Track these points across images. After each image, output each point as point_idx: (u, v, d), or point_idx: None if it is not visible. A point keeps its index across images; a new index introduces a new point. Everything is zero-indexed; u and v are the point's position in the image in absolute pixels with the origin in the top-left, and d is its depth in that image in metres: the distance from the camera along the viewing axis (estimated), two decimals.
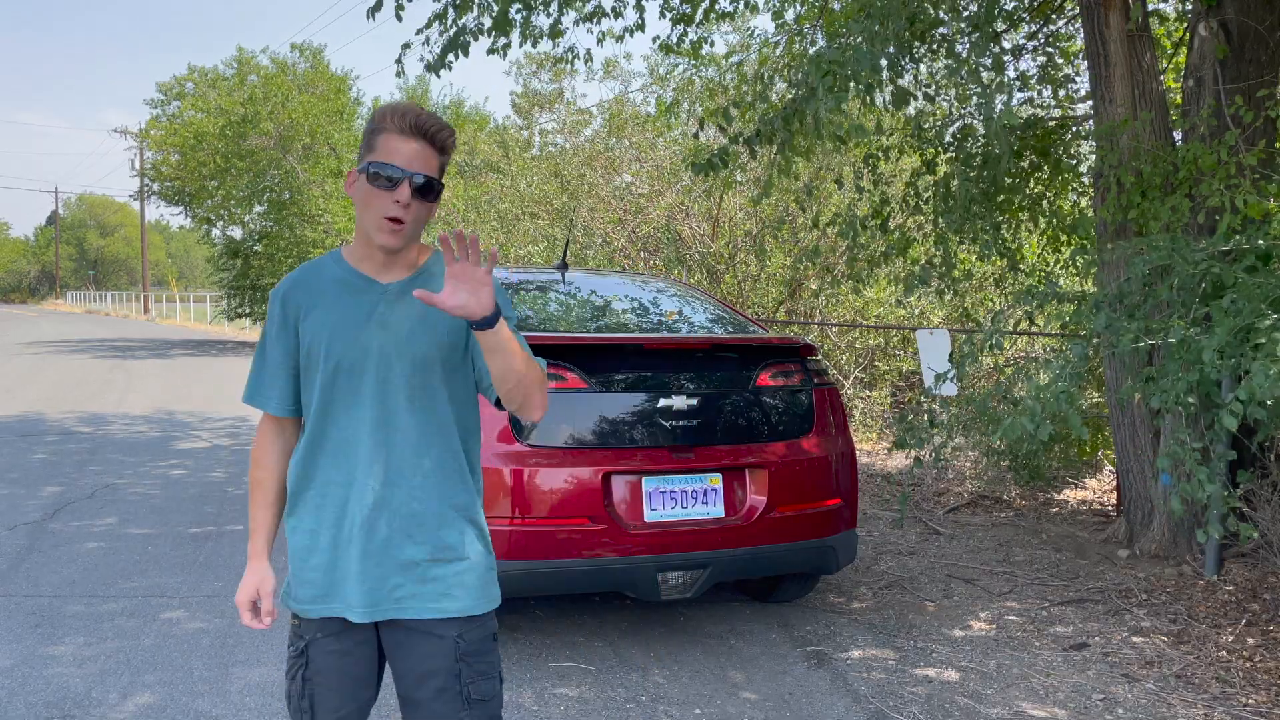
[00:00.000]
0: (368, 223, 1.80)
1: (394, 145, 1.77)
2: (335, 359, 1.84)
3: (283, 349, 1.90)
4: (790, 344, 4.15)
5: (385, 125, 1.79)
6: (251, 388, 1.94)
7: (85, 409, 11.07)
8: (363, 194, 1.79)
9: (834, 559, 4.05)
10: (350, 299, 1.86)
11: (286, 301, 1.89)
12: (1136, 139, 4.93)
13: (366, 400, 1.84)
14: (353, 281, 1.87)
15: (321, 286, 1.88)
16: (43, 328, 31.11)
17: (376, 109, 1.83)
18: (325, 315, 1.86)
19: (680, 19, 6.68)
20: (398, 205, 1.76)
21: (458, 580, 1.87)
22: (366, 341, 1.84)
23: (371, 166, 1.77)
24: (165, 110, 24.62)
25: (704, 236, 10.94)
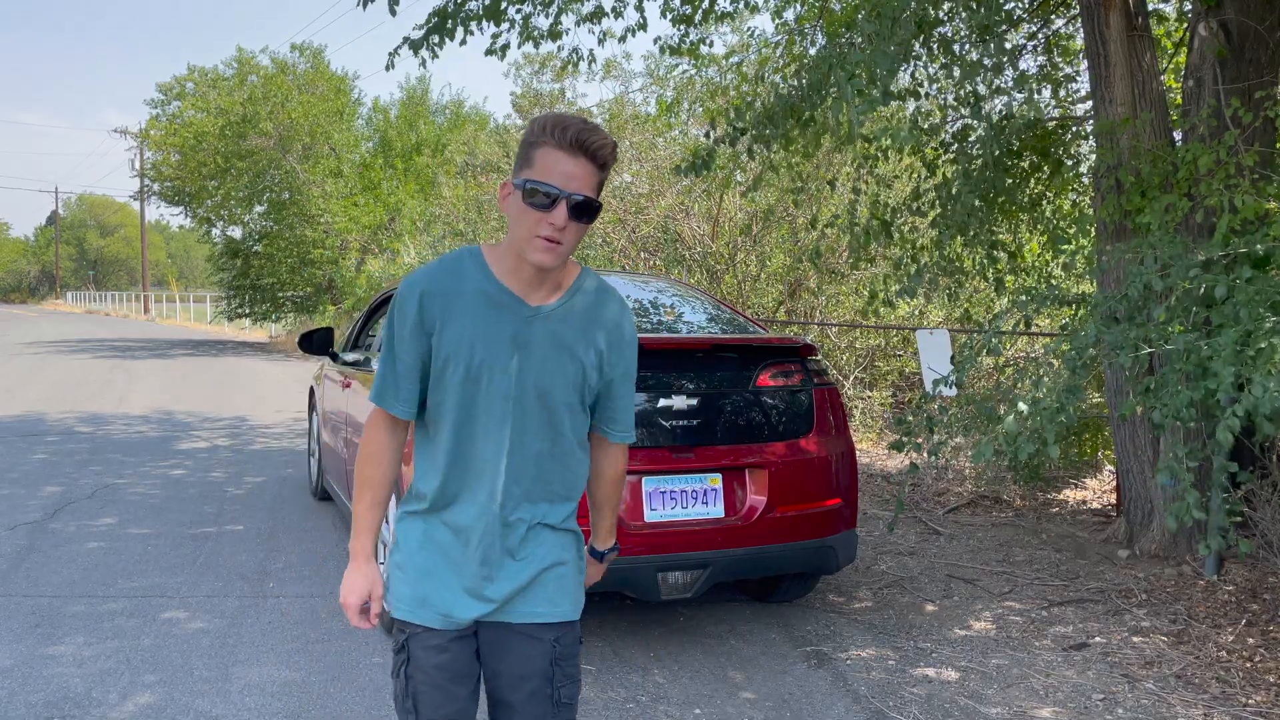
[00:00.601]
0: (521, 239, 1.72)
1: (553, 162, 1.69)
2: (475, 376, 1.79)
3: (415, 352, 1.81)
4: (790, 344, 4.15)
5: (545, 139, 1.70)
6: (382, 388, 1.85)
7: (85, 409, 11.08)
8: (517, 210, 1.72)
9: (834, 559, 4.05)
10: (494, 314, 1.79)
11: (425, 304, 1.78)
12: (1136, 139, 4.93)
13: (503, 421, 1.81)
14: (498, 297, 1.79)
15: (464, 295, 1.78)
16: (43, 328, 31.11)
17: (537, 119, 1.73)
18: (467, 328, 1.78)
19: (681, 19, 6.67)
20: (552, 227, 1.69)
21: (560, 586, 1.90)
22: (507, 363, 1.79)
23: (529, 184, 1.69)
24: (165, 110, 24.63)
25: (704, 236, 10.93)
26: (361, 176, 22.13)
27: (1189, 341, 3.47)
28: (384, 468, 1.87)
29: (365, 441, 1.88)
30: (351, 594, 1.86)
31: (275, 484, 7.14)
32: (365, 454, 1.88)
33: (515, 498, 1.84)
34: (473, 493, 1.83)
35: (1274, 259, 3.79)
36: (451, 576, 1.84)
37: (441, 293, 1.78)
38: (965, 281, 6.63)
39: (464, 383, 1.79)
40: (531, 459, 1.84)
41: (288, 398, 12.65)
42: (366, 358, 5.21)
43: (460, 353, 1.78)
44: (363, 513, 1.88)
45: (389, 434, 1.87)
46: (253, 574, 4.88)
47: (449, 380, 1.79)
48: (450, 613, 1.84)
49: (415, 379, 1.83)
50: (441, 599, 1.84)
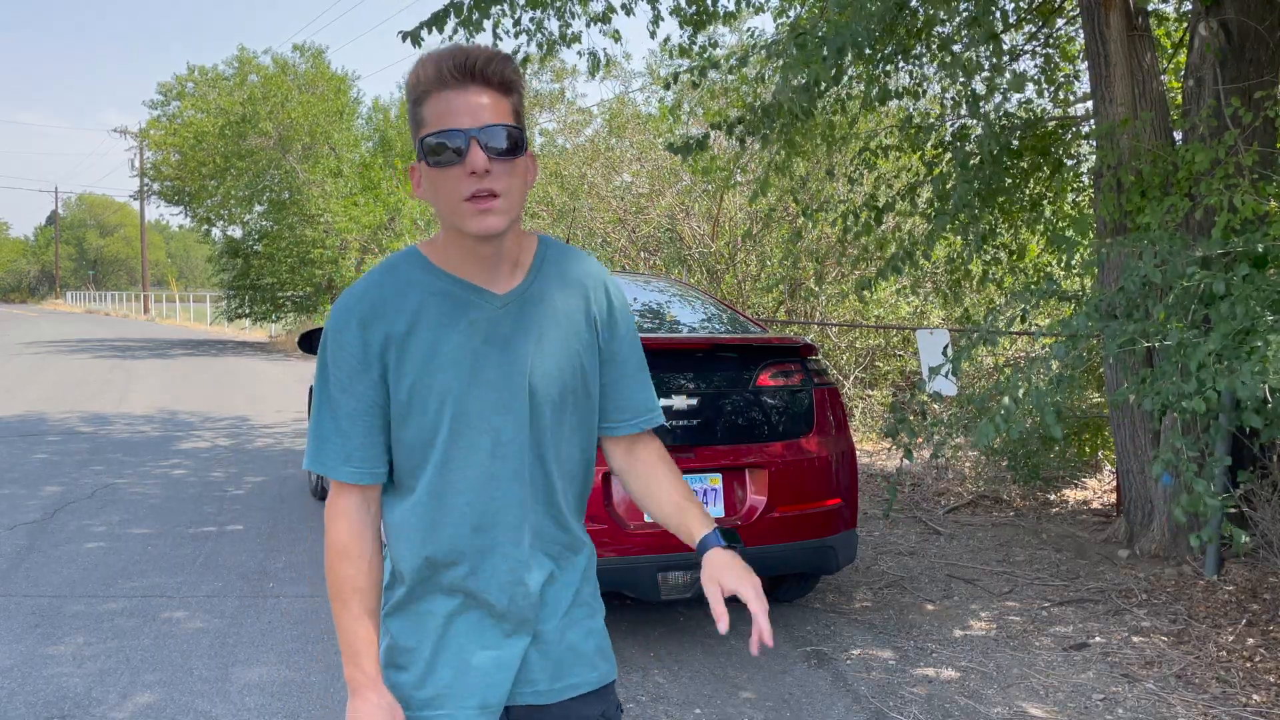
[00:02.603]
0: (450, 213, 1.35)
1: (444, 104, 1.32)
2: (454, 399, 1.40)
3: (363, 393, 1.40)
4: (790, 344, 4.15)
5: (427, 87, 1.33)
6: (318, 449, 1.41)
7: (85, 409, 11.08)
8: (431, 183, 1.36)
9: (834, 559, 4.05)
10: (461, 318, 1.41)
11: (369, 328, 1.39)
12: (1136, 139, 4.93)
13: (495, 449, 1.42)
14: (456, 293, 1.41)
15: (414, 303, 1.40)
16: (43, 328, 31.12)
17: (409, 75, 1.36)
18: (431, 346, 1.39)
19: (688, 20, 6.67)
20: (474, 177, 1.32)
21: (592, 643, 1.57)
22: (494, 376, 1.41)
23: (425, 139, 1.33)
24: (165, 110, 24.64)
25: (704, 236, 10.94)
26: (361, 176, 22.13)
27: (1185, 338, 3.47)
28: (366, 563, 1.42)
29: (330, 533, 1.43)
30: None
31: (275, 484, 7.14)
32: (336, 548, 1.42)
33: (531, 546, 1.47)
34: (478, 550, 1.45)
35: (1272, 257, 3.79)
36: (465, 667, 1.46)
37: (390, 307, 1.40)
38: (966, 282, 6.64)
39: (444, 413, 1.40)
40: (542, 492, 1.48)
41: (288, 398, 12.65)
42: None
43: (429, 372, 1.40)
44: (351, 627, 1.41)
45: (359, 512, 1.43)
46: (253, 574, 4.88)
47: (420, 413, 1.41)
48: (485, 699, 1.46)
49: (366, 427, 1.41)
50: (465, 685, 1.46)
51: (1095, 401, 7.01)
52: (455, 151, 1.32)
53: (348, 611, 1.42)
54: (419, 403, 1.40)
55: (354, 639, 1.41)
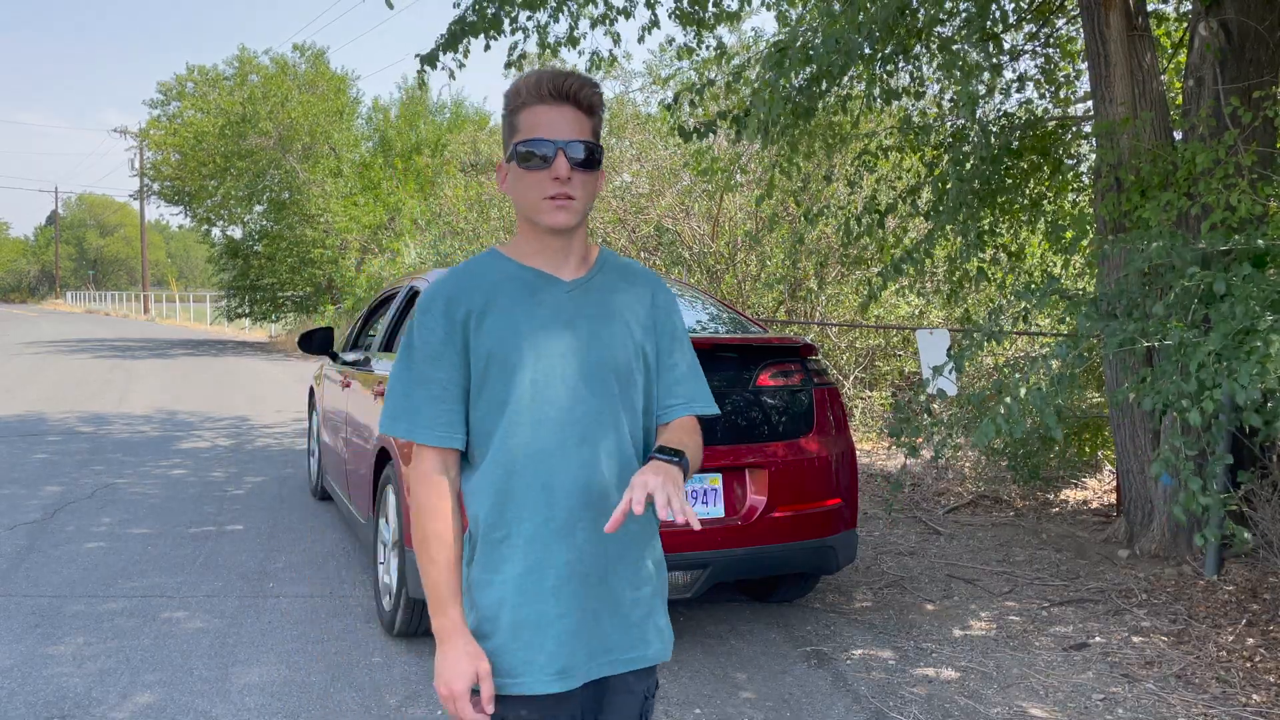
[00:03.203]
0: (530, 209, 1.56)
1: (539, 117, 1.55)
2: (528, 371, 1.56)
3: (449, 365, 1.56)
4: (790, 344, 4.15)
5: (524, 99, 1.56)
6: (405, 415, 1.56)
7: (85, 409, 11.08)
8: (517, 181, 1.57)
9: (834, 559, 4.05)
10: (531, 299, 1.59)
11: (453, 306, 1.57)
12: (1136, 138, 4.93)
13: (566, 418, 1.57)
14: (529, 279, 1.60)
15: (494, 285, 1.59)
16: (43, 328, 31.12)
17: (509, 87, 1.59)
18: (507, 319, 1.57)
19: (691, 21, 6.66)
20: (557, 182, 1.54)
21: (651, 622, 1.65)
22: (561, 349, 1.57)
23: (519, 146, 1.55)
24: (165, 110, 24.64)
25: (704, 236, 10.94)
26: (361, 176, 22.13)
27: (1185, 338, 3.48)
28: (451, 520, 1.55)
29: (418, 494, 1.56)
30: (458, 679, 1.50)
31: (275, 484, 7.14)
32: (424, 506, 1.55)
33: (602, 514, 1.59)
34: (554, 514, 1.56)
35: (1272, 257, 3.79)
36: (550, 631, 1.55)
37: (472, 288, 1.59)
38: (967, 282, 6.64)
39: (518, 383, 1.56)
40: (611, 461, 1.60)
41: (288, 398, 12.65)
42: (366, 358, 5.21)
43: (506, 346, 1.56)
44: (442, 578, 1.53)
45: (441, 474, 1.57)
46: (253, 574, 4.88)
47: (498, 384, 1.56)
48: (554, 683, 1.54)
49: (452, 397, 1.57)
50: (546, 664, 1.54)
51: (1095, 401, 7.01)
52: (543, 158, 1.54)
53: (435, 565, 1.54)
54: (495, 373, 1.56)
55: (441, 590, 1.54)
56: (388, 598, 4.04)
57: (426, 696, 3.46)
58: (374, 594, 4.31)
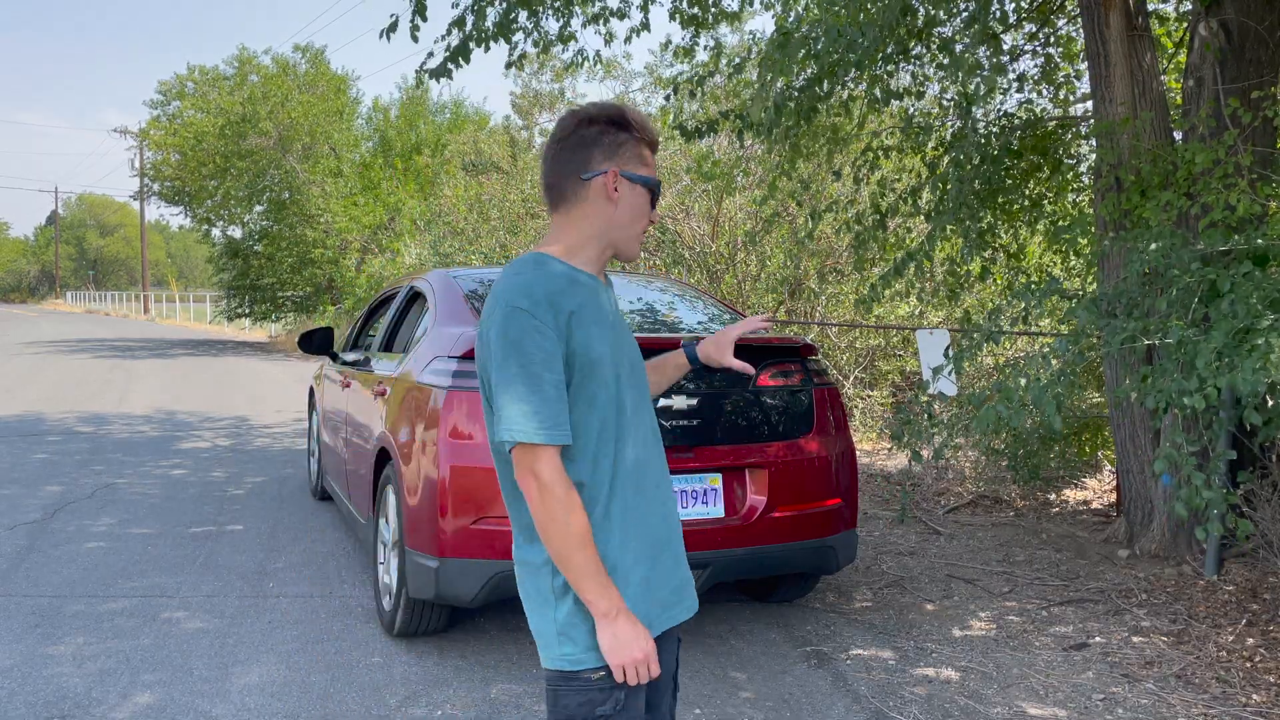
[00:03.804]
0: (631, 231, 1.76)
1: (649, 159, 1.77)
2: (619, 368, 1.72)
3: (559, 368, 1.64)
4: (790, 344, 4.15)
5: (642, 135, 1.76)
6: (549, 421, 1.61)
7: (85, 409, 11.08)
8: (639, 204, 1.76)
9: (834, 559, 4.05)
10: (601, 304, 1.73)
11: (558, 309, 1.64)
12: (1136, 138, 4.93)
13: (643, 408, 1.78)
14: (594, 285, 1.74)
15: (578, 291, 1.69)
16: (43, 328, 31.12)
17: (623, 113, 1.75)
18: (595, 322, 1.69)
19: (690, 20, 6.66)
20: (653, 222, 1.80)
21: (690, 577, 1.88)
22: (626, 347, 1.78)
23: (654, 182, 1.76)
24: (165, 110, 24.64)
25: (704, 236, 10.94)
26: (361, 176, 22.13)
27: (1186, 336, 3.48)
28: (584, 511, 1.65)
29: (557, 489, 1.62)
30: (649, 640, 1.66)
31: (275, 484, 7.14)
32: (569, 502, 1.62)
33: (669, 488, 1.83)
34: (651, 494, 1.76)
35: (1273, 255, 3.79)
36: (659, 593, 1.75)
37: (567, 292, 1.67)
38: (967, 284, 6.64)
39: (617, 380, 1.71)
40: (660, 443, 1.84)
41: (288, 398, 12.65)
42: (366, 358, 5.21)
43: (603, 347, 1.69)
44: (597, 563, 1.64)
45: (563, 470, 1.64)
46: (253, 574, 4.88)
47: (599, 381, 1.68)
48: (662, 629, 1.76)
49: (565, 399, 1.64)
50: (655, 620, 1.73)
51: (1095, 401, 7.01)
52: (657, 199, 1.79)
53: (587, 550, 1.62)
54: (596, 371, 1.68)
55: (602, 574, 1.64)
56: (388, 598, 4.04)
57: (426, 697, 3.46)
58: (374, 594, 4.31)
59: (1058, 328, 6.90)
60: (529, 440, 1.60)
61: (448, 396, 3.64)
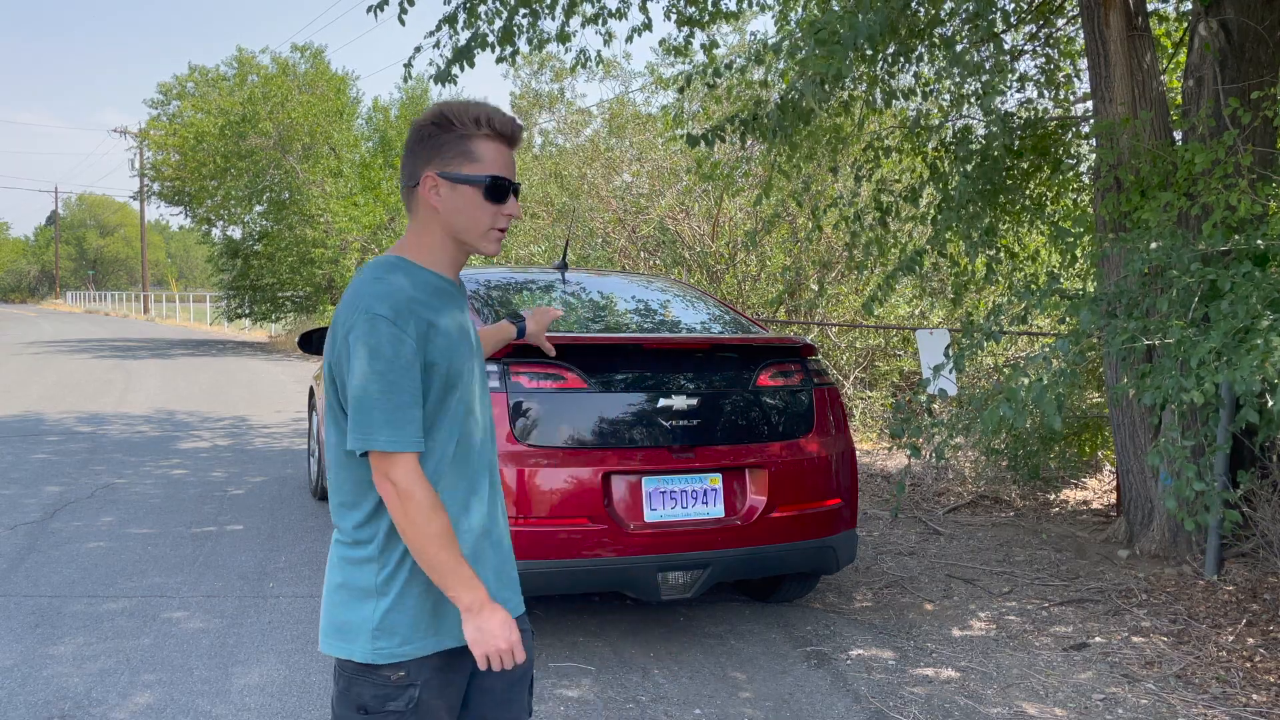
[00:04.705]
0: (473, 233, 1.73)
1: (497, 153, 1.71)
2: (468, 371, 1.76)
3: (416, 373, 1.66)
4: (790, 344, 4.15)
5: (485, 130, 1.70)
6: (404, 429, 1.64)
7: (85, 409, 11.07)
8: (468, 204, 1.71)
9: (834, 559, 4.05)
10: (454, 307, 1.76)
11: (419, 318, 1.66)
12: (1136, 138, 4.93)
13: (481, 406, 1.81)
14: (448, 289, 1.76)
15: (430, 297, 1.72)
16: (42, 328, 31.12)
17: (458, 111, 1.71)
18: (448, 327, 1.72)
19: (685, 20, 6.66)
20: (509, 218, 1.73)
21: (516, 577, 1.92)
22: (474, 346, 1.81)
23: (494, 179, 1.70)
24: (165, 110, 24.64)
25: (704, 236, 10.94)
26: (361, 176, 22.12)
27: (1185, 336, 3.48)
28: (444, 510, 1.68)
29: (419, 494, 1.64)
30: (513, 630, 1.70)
31: (275, 484, 7.14)
32: (429, 504, 1.65)
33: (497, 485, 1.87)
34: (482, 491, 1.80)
35: (1273, 255, 3.79)
36: None
37: (420, 300, 1.69)
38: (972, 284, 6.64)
39: (465, 383, 1.75)
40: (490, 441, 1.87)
41: (288, 398, 12.65)
42: None
43: (455, 352, 1.72)
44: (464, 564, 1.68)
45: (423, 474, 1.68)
46: (253, 574, 4.88)
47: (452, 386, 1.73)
48: None
49: (420, 403, 1.67)
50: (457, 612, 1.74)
51: (1095, 401, 7.01)
52: (504, 190, 1.72)
53: (452, 550, 1.67)
54: (454, 376, 1.72)
55: (467, 570, 1.68)
56: None
57: None
58: None
59: (1058, 328, 6.91)
60: (387, 449, 1.62)
61: None
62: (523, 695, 1.89)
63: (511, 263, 12.83)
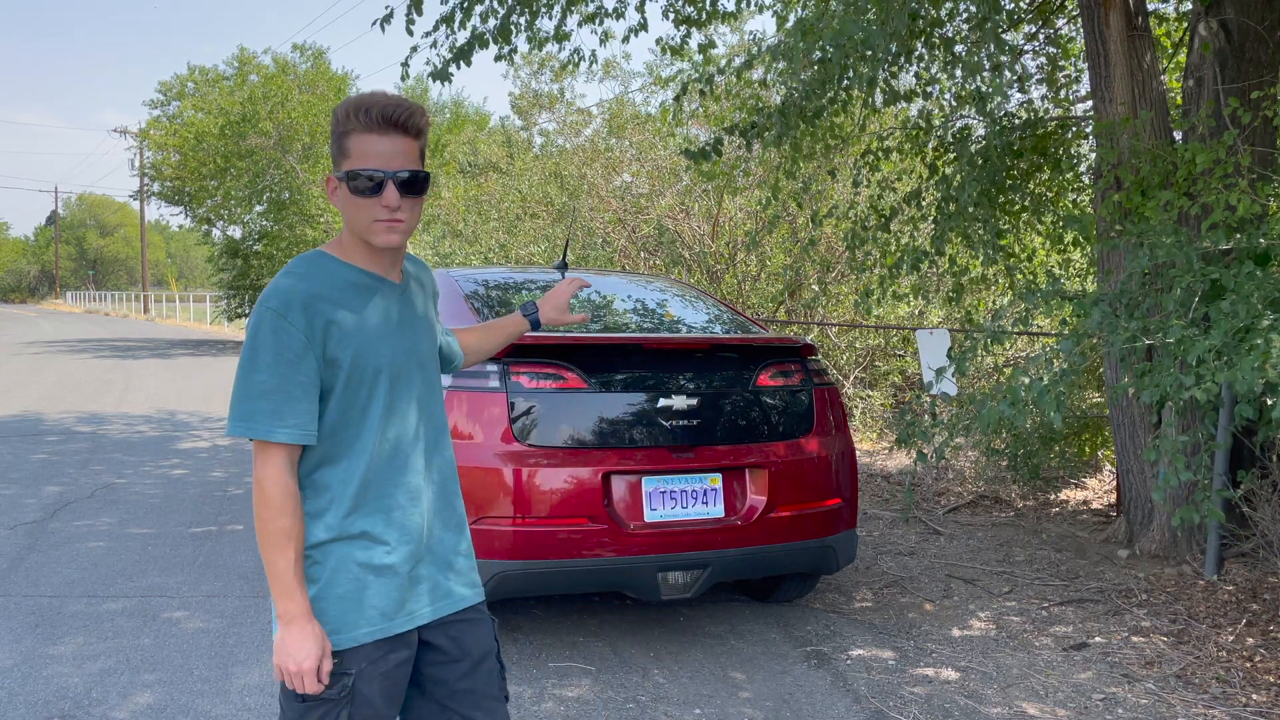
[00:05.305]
0: (359, 227, 1.71)
1: (368, 145, 1.67)
2: (385, 367, 1.75)
3: (309, 367, 1.67)
4: (790, 344, 4.15)
5: (352, 125, 1.67)
6: (264, 416, 1.64)
7: (85, 409, 11.07)
8: (348, 202, 1.70)
9: (834, 559, 4.05)
10: (376, 302, 1.76)
11: (311, 312, 1.67)
12: (1136, 138, 4.93)
13: (411, 406, 1.80)
14: (369, 283, 1.76)
15: (341, 292, 1.72)
16: (42, 327, 31.11)
17: (339, 108, 1.70)
18: (360, 322, 1.72)
19: (683, 20, 6.67)
20: (387, 209, 1.68)
21: (471, 567, 1.93)
22: (401, 344, 1.79)
23: (350, 173, 1.67)
24: (165, 110, 24.64)
25: (704, 236, 10.93)
26: None
27: (1185, 335, 3.48)
28: (298, 514, 1.68)
29: (268, 489, 1.66)
30: (307, 658, 1.67)
31: None
32: (275, 504, 1.65)
33: (439, 481, 1.86)
34: (410, 488, 1.79)
35: (1275, 254, 3.79)
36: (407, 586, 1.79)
37: (324, 295, 1.69)
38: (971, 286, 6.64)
39: (381, 379, 1.74)
40: (436, 438, 1.87)
41: None
42: None
43: (364, 346, 1.72)
44: (291, 568, 1.67)
45: (291, 471, 1.68)
46: (253, 574, 4.88)
47: (362, 381, 1.72)
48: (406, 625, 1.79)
49: (310, 396, 1.67)
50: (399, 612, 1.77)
51: (1095, 401, 7.01)
52: (373, 181, 1.67)
53: (284, 556, 1.66)
54: (358, 371, 1.72)
55: (290, 578, 1.67)
56: None
57: None
58: None
59: (1058, 328, 6.90)
60: (252, 436, 1.65)
61: (446, 396, 3.64)
62: (489, 684, 1.89)
63: (511, 263, 12.84)
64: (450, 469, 1.91)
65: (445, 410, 1.93)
